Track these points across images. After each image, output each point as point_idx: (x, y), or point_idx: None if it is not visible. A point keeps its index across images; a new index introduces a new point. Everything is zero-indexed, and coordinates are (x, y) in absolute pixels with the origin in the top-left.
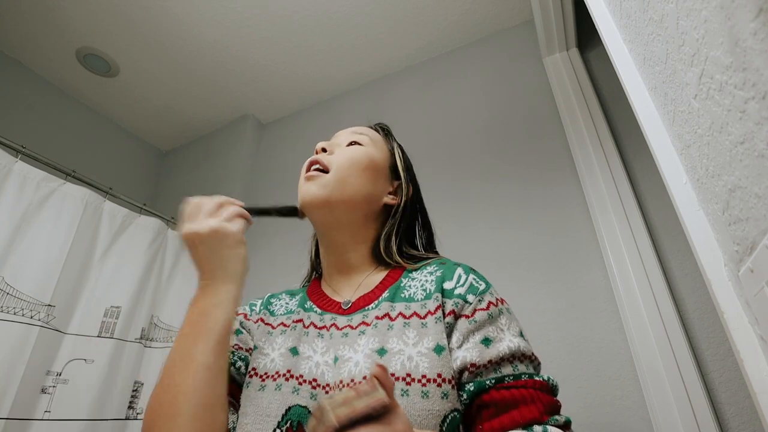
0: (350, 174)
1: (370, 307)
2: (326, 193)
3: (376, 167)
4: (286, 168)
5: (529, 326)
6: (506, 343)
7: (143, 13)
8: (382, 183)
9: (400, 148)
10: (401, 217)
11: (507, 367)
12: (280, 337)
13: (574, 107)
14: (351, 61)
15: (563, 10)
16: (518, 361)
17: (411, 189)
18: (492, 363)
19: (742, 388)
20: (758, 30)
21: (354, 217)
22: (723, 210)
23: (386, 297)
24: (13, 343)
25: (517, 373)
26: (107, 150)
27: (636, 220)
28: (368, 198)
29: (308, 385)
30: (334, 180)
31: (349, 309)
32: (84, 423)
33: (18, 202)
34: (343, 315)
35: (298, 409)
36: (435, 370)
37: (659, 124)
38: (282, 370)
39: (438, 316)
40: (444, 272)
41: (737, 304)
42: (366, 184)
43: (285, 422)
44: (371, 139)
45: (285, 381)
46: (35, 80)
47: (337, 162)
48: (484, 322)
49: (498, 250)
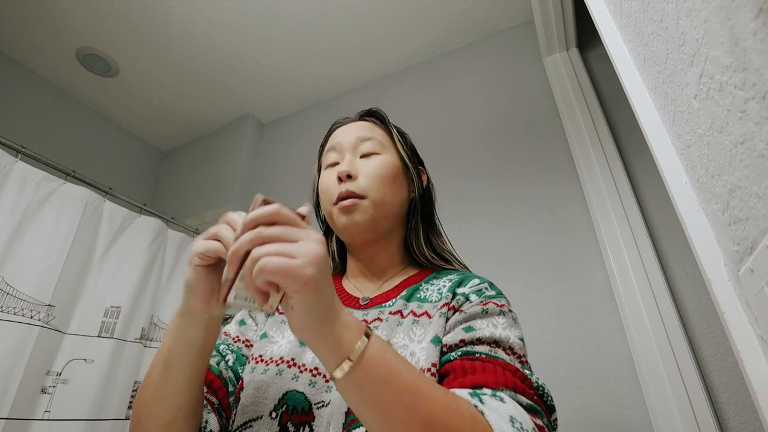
0: (385, 192)
1: (387, 304)
2: (371, 217)
3: (399, 173)
4: (286, 168)
5: (529, 326)
6: (488, 329)
7: (143, 13)
8: (405, 183)
9: (400, 136)
10: (421, 209)
11: (482, 347)
12: None
13: (574, 107)
14: (351, 61)
15: (563, 10)
16: (501, 349)
17: (425, 175)
18: (464, 342)
19: (742, 388)
20: (758, 30)
21: (392, 225)
22: (723, 210)
23: (403, 296)
24: (13, 343)
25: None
26: (107, 150)
27: (636, 220)
28: (401, 203)
29: (308, 373)
30: (373, 203)
31: (366, 305)
32: (84, 423)
33: (18, 202)
34: (359, 309)
35: (295, 394)
36: (430, 359)
37: (659, 124)
38: (287, 357)
39: (443, 311)
40: (462, 279)
41: (737, 304)
42: (398, 193)
43: (281, 406)
44: (381, 143)
45: (287, 368)
46: (35, 80)
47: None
48: (476, 315)
49: (498, 249)
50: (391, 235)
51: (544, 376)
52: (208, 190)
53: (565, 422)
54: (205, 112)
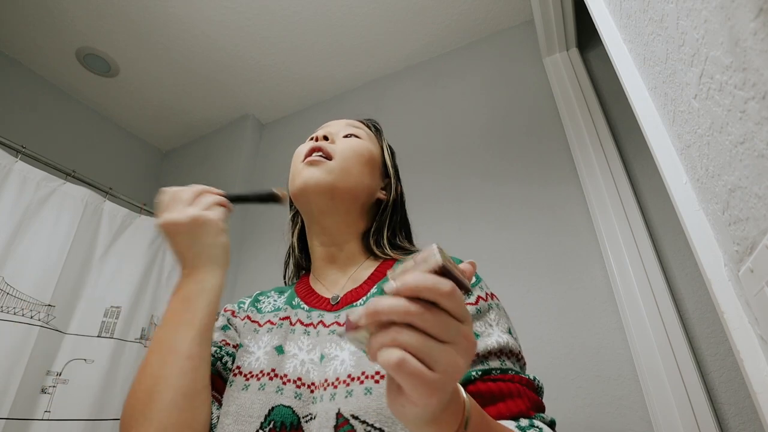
0: (354, 164)
1: (358, 303)
2: (331, 179)
3: (374, 162)
4: (286, 168)
5: (529, 326)
6: (495, 338)
7: (143, 13)
8: (377, 178)
9: (389, 147)
10: (392, 212)
11: (494, 361)
12: (267, 335)
13: (574, 107)
14: (351, 61)
15: (563, 10)
16: (506, 357)
17: (400, 187)
18: (479, 356)
19: (742, 388)
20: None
21: (351, 207)
22: (723, 210)
23: (374, 292)
24: (13, 343)
25: (504, 367)
26: (107, 150)
27: (636, 220)
28: (366, 190)
29: (292, 384)
30: (338, 168)
31: (337, 305)
32: (84, 423)
33: (18, 202)
34: (330, 311)
35: (282, 409)
36: None
37: (659, 124)
38: (266, 369)
39: None
40: None
41: (737, 304)
42: (366, 176)
43: (268, 423)
44: (367, 134)
45: (269, 380)
46: (35, 80)
47: (341, 151)
48: (473, 317)
49: (498, 249)
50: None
51: (544, 376)
52: None
53: (565, 422)
54: (205, 112)
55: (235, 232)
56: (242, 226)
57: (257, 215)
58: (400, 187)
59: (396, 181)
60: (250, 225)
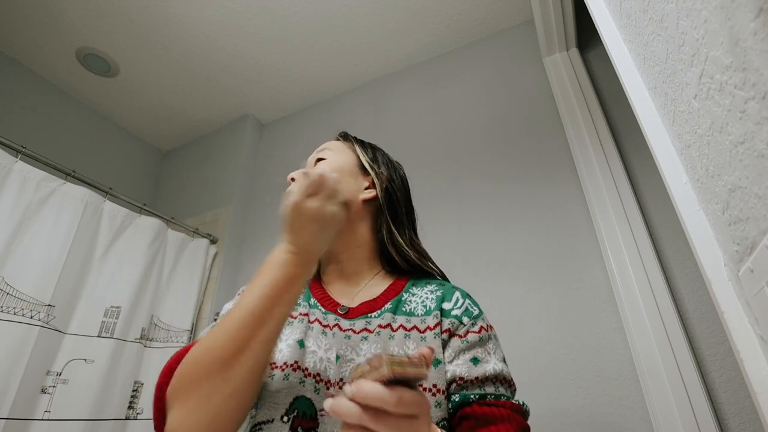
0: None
1: (373, 315)
2: None
3: (354, 167)
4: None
5: (529, 326)
6: (492, 365)
7: (143, 13)
8: (354, 182)
9: (360, 143)
10: (387, 206)
11: (490, 387)
12: (288, 328)
13: (574, 107)
14: (351, 61)
15: (563, 10)
16: (500, 383)
17: (385, 175)
18: (478, 380)
19: (742, 388)
20: (758, 30)
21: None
22: (723, 210)
23: (389, 308)
24: (13, 343)
25: (498, 393)
26: (107, 150)
27: (636, 220)
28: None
29: (312, 379)
30: None
31: (351, 314)
32: (84, 423)
33: (18, 202)
34: (345, 318)
35: (304, 400)
36: (431, 380)
37: (659, 124)
38: (290, 361)
39: (437, 332)
40: (444, 293)
41: (737, 304)
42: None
43: (292, 411)
44: (332, 150)
45: (292, 371)
46: (35, 80)
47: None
48: (475, 344)
49: (498, 249)
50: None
51: (544, 376)
52: (208, 190)
53: (565, 422)
54: (205, 112)
55: (235, 232)
56: (242, 226)
57: (257, 215)
58: (384, 175)
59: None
60: (251, 225)
